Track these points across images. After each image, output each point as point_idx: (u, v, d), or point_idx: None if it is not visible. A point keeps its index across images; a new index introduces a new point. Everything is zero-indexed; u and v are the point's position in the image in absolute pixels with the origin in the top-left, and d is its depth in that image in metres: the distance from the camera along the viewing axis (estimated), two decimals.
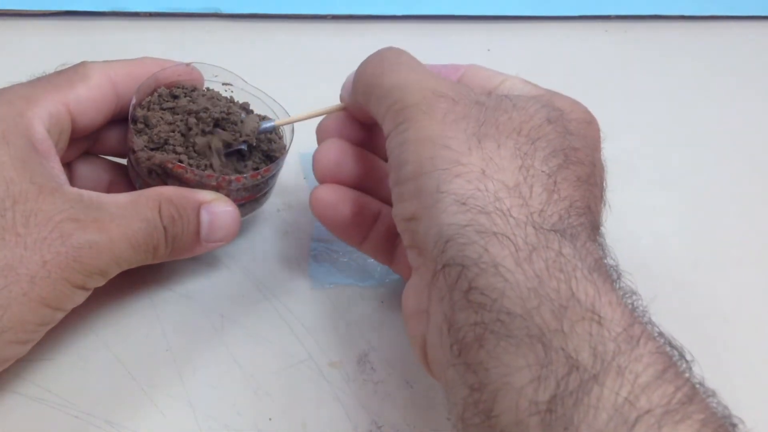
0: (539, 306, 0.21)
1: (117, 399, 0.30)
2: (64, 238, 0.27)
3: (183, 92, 0.33)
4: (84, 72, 0.32)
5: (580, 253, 0.22)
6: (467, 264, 0.22)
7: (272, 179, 0.34)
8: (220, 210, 0.31)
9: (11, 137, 0.28)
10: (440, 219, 0.24)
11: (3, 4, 0.48)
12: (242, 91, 0.36)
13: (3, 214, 0.27)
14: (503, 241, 0.22)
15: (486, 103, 0.26)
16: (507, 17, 0.52)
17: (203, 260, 0.35)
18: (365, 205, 0.32)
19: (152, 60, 0.34)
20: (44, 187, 0.27)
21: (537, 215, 0.23)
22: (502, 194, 0.23)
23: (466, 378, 0.22)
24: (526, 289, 0.21)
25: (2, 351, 0.27)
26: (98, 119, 0.32)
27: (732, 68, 0.50)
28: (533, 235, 0.22)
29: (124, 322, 0.33)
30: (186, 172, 0.31)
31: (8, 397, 0.28)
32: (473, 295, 0.22)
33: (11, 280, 0.26)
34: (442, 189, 0.24)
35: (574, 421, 0.19)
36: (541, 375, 0.20)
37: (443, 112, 0.26)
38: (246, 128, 0.33)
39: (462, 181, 0.24)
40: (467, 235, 0.23)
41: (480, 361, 0.21)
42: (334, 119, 0.34)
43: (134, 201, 0.29)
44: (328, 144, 0.33)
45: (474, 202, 0.23)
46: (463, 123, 0.26)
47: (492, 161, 0.24)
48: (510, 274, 0.22)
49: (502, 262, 0.22)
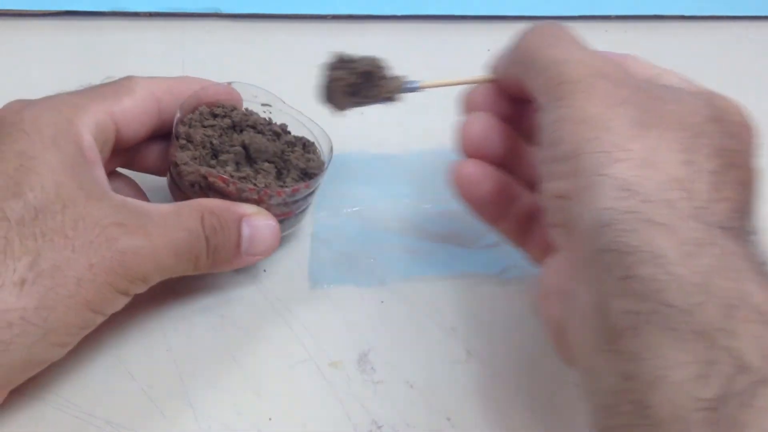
0: (704, 302, 0.20)
1: (117, 399, 0.30)
2: (110, 242, 0.27)
3: (223, 111, 0.34)
4: (129, 85, 0.32)
5: (746, 254, 0.22)
6: (627, 251, 0.22)
7: (311, 196, 0.35)
8: (261, 224, 0.32)
9: (62, 142, 0.28)
10: (598, 202, 0.23)
11: (3, 4, 0.48)
12: (281, 112, 0.36)
13: (53, 216, 0.27)
14: (666, 233, 0.22)
15: (650, 90, 0.26)
16: (507, 17, 0.52)
17: None
18: (506, 184, 0.31)
19: (194, 78, 0.35)
20: (92, 193, 0.28)
21: (702, 210, 0.22)
22: (665, 185, 0.23)
23: (617, 366, 0.21)
24: (690, 284, 0.21)
25: (44, 352, 0.27)
26: (141, 132, 0.33)
27: (732, 68, 0.50)
28: (698, 230, 0.22)
29: (125, 322, 0.33)
30: (228, 185, 0.31)
31: (8, 397, 0.28)
32: (631, 282, 0.21)
33: (58, 282, 0.26)
34: (602, 172, 0.23)
35: (740, 422, 0.19)
36: (704, 372, 0.20)
37: (605, 92, 0.25)
38: (390, 85, 0.33)
39: (623, 167, 0.23)
40: (627, 221, 0.22)
41: (634, 350, 0.21)
42: (482, 91, 0.33)
43: (177, 211, 0.30)
44: (477, 117, 0.32)
45: (636, 189, 0.23)
46: (625, 108, 0.25)
47: (655, 150, 0.24)
48: (672, 266, 0.21)
49: (665, 254, 0.21)
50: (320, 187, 0.35)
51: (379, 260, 0.36)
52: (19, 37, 0.47)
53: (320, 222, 0.38)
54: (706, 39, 0.52)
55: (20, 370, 0.27)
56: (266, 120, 0.36)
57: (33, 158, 0.28)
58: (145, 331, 0.33)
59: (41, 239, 0.26)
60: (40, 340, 0.26)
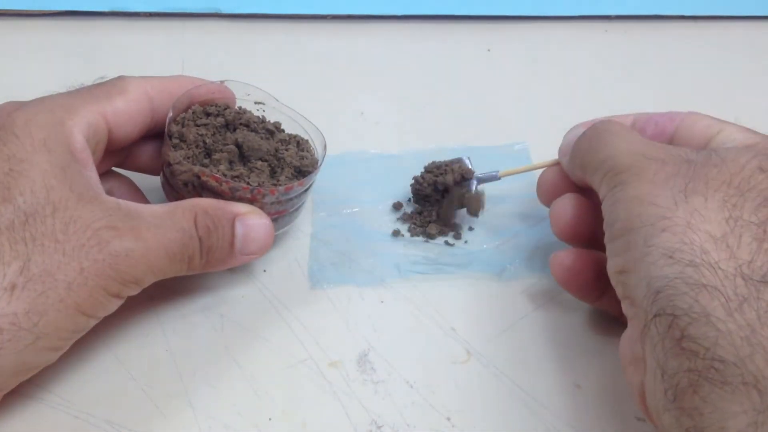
0: (752, 354, 0.22)
1: (117, 399, 0.30)
2: (102, 245, 0.27)
3: (216, 110, 0.34)
4: (122, 85, 0.32)
5: None
6: (678, 314, 0.23)
7: (305, 194, 0.35)
8: (255, 222, 0.32)
9: (52, 145, 0.28)
10: (649, 271, 0.25)
11: (3, 4, 0.48)
12: (274, 110, 0.36)
13: (43, 220, 0.27)
14: (712, 293, 0.23)
15: (695, 160, 0.27)
16: (507, 17, 0.52)
17: None
18: (603, 263, 0.32)
19: (187, 77, 0.35)
20: (83, 195, 0.28)
21: (746, 266, 0.24)
22: (708, 246, 0.24)
23: (682, 422, 0.23)
24: (738, 338, 0.22)
25: (35, 357, 0.27)
26: (134, 132, 0.33)
27: (732, 68, 0.50)
28: (743, 286, 0.23)
29: (124, 322, 0.33)
30: (221, 184, 0.31)
31: (8, 397, 0.28)
32: (686, 343, 0.23)
33: (49, 287, 0.26)
34: (650, 243, 0.25)
35: None
36: (758, 420, 0.21)
37: (653, 172, 0.27)
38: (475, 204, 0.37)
39: (668, 235, 0.25)
40: (676, 286, 0.24)
41: (695, 407, 0.22)
42: (559, 173, 0.35)
43: (170, 211, 0.30)
44: (566, 199, 0.33)
45: (680, 255, 0.24)
46: (671, 181, 0.27)
47: (697, 212, 0.25)
48: (721, 323, 0.23)
49: (713, 312, 0.23)
50: (320, 188, 0.35)
51: (378, 260, 0.36)
52: (19, 37, 0.48)
53: (319, 222, 0.38)
54: (706, 39, 0.52)
55: (11, 375, 0.27)
56: (259, 118, 0.35)
57: (23, 161, 0.28)
58: (144, 331, 0.33)
59: (31, 244, 0.26)
60: (31, 345, 0.26)
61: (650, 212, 0.26)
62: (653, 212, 0.26)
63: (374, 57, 0.49)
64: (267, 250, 0.33)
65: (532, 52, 0.50)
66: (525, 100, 0.47)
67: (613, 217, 0.28)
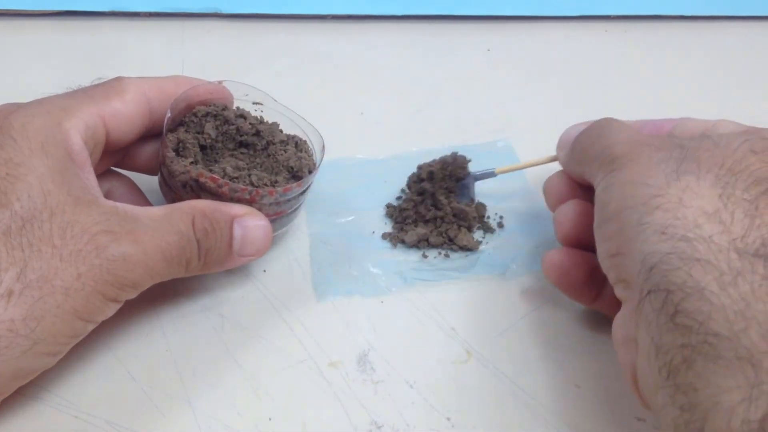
0: (747, 328, 0.22)
1: (117, 399, 0.30)
2: (99, 250, 0.27)
3: (214, 110, 0.34)
4: (120, 86, 0.32)
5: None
6: (672, 289, 0.23)
7: (303, 195, 0.35)
8: (253, 224, 0.31)
9: (50, 148, 0.28)
10: (643, 248, 0.25)
11: (3, 4, 0.48)
12: (272, 110, 0.36)
13: (40, 225, 0.27)
14: (706, 267, 0.23)
15: (688, 145, 0.28)
16: (507, 17, 0.52)
17: None
18: (597, 265, 0.32)
19: (184, 78, 0.35)
20: (81, 199, 0.28)
21: (739, 241, 0.24)
22: (701, 220, 0.24)
23: (676, 399, 0.23)
24: (732, 312, 0.22)
25: (33, 362, 0.27)
26: (131, 133, 0.32)
27: (732, 68, 0.50)
28: (736, 260, 0.23)
29: (125, 322, 0.33)
30: (220, 185, 0.31)
31: (8, 397, 0.28)
32: (679, 318, 0.23)
33: (46, 292, 0.26)
34: (643, 221, 0.25)
35: None
36: (752, 395, 0.21)
37: (647, 157, 0.28)
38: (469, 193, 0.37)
39: (661, 212, 0.25)
40: (670, 261, 0.24)
41: (689, 383, 0.22)
42: (564, 179, 0.35)
43: (168, 214, 0.29)
44: (570, 205, 0.33)
45: (673, 231, 0.24)
46: (663, 164, 0.27)
47: (689, 189, 0.25)
48: (715, 297, 0.22)
49: (707, 286, 0.23)
50: (319, 191, 0.35)
51: (381, 269, 0.36)
52: (19, 37, 0.48)
53: (315, 227, 0.38)
54: (706, 39, 0.52)
55: (9, 380, 0.27)
56: (257, 118, 0.35)
57: (20, 165, 0.27)
58: (144, 331, 0.33)
59: (28, 249, 0.26)
60: (29, 351, 0.26)
61: (643, 192, 0.26)
62: (646, 192, 0.26)
63: (374, 57, 0.49)
64: (265, 252, 0.33)
65: (532, 52, 0.50)
66: (525, 99, 0.47)
67: (605, 200, 0.28)
